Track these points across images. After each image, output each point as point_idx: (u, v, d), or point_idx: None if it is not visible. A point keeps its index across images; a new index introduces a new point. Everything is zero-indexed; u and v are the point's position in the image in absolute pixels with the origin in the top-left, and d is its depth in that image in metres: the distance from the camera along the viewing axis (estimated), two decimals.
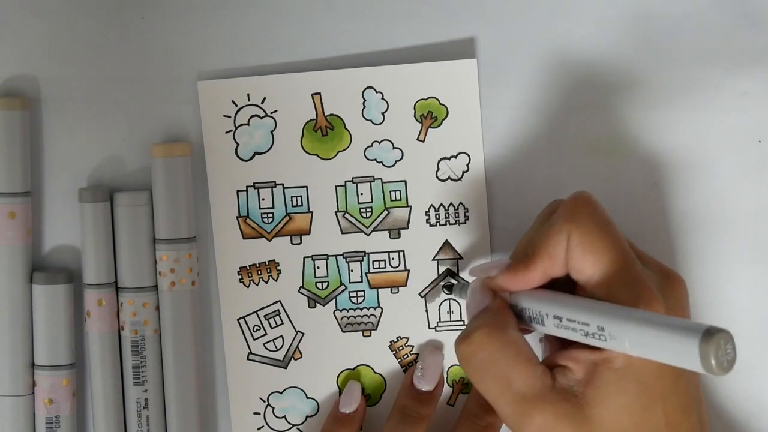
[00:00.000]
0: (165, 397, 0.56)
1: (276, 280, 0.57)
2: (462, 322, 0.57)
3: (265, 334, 0.57)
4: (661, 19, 0.56)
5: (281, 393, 0.57)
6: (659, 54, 0.56)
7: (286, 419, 0.57)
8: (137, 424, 0.56)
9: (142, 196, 0.56)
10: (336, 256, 0.57)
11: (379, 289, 0.57)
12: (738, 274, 0.56)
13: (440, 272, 0.56)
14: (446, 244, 0.56)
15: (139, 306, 0.56)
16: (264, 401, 0.57)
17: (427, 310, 0.57)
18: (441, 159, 0.56)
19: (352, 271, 0.57)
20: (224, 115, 0.56)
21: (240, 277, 0.57)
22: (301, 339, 0.57)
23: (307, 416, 0.57)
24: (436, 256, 0.57)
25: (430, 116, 0.56)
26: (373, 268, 0.57)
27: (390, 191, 0.56)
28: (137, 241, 0.56)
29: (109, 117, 0.57)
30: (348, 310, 0.57)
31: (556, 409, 0.45)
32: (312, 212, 0.56)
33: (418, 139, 0.56)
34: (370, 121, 0.56)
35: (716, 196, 0.56)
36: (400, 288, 0.57)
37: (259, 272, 0.57)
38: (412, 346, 0.57)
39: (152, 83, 0.56)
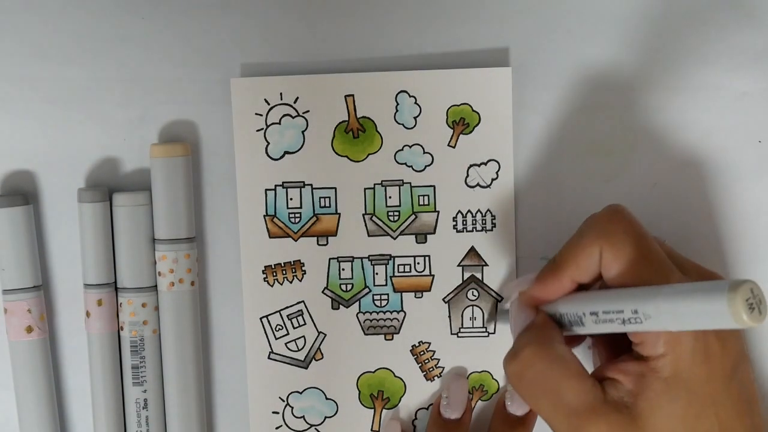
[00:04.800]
0: (165, 397, 0.56)
1: (300, 281, 0.57)
2: (484, 329, 0.57)
3: (288, 333, 0.57)
4: (661, 19, 0.56)
5: (301, 393, 0.57)
6: (659, 54, 0.56)
7: (304, 419, 0.57)
8: (137, 425, 0.56)
9: (141, 196, 0.55)
10: (361, 258, 0.57)
11: (403, 293, 0.57)
12: (738, 274, 0.57)
13: (465, 278, 0.57)
14: (472, 251, 0.56)
15: (138, 306, 0.55)
16: (283, 401, 0.57)
17: (450, 316, 0.57)
18: (471, 165, 0.56)
19: (376, 274, 0.57)
20: (256, 113, 0.56)
21: (264, 275, 0.56)
22: (323, 340, 0.57)
23: (325, 417, 0.57)
24: (461, 262, 0.57)
25: (462, 122, 0.56)
26: (398, 271, 0.57)
27: (418, 196, 0.56)
28: (136, 241, 0.55)
29: (109, 117, 0.56)
30: (371, 313, 0.57)
31: (609, 421, 0.46)
32: (339, 214, 0.56)
33: (448, 145, 0.56)
34: (402, 124, 0.56)
35: (716, 196, 0.56)
36: (424, 293, 0.57)
37: (284, 272, 0.56)
38: (434, 351, 0.57)
39: (153, 83, 0.56)
